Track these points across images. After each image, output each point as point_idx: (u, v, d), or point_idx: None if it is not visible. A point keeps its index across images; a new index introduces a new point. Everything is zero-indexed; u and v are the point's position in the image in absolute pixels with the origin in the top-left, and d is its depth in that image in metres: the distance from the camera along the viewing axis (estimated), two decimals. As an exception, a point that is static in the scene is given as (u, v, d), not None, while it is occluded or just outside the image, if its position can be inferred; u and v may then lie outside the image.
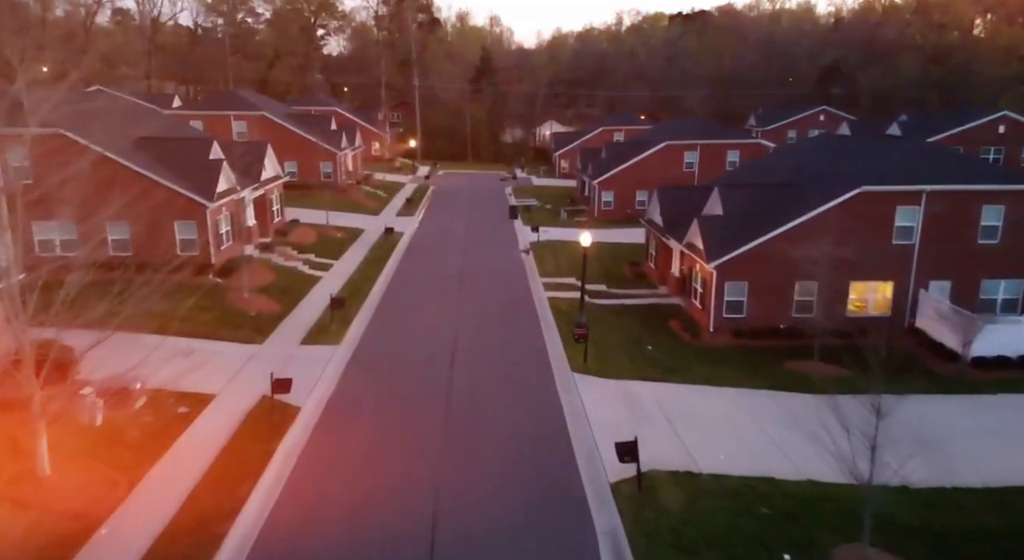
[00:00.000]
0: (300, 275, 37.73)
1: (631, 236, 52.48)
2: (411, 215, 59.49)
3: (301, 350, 27.64)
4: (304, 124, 65.20)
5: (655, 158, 61.56)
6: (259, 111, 62.32)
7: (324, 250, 43.62)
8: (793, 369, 27.63)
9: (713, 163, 61.80)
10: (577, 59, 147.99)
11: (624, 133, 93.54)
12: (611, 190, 62.16)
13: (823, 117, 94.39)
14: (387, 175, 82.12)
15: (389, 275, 39.69)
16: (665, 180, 61.75)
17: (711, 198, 34.41)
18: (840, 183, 31.07)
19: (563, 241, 49.98)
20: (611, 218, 61.16)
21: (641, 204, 61.81)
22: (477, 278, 39.64)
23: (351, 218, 55.11)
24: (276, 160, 45.10)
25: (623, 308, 35.21)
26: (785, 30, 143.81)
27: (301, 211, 51.92)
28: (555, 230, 53.57)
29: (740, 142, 62.45)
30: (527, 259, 45.12)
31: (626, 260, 45.14)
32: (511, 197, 73.43)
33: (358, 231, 50.95)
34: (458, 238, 51.09)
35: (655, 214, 41.10)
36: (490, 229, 55.11)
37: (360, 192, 63.83)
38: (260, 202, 41.93)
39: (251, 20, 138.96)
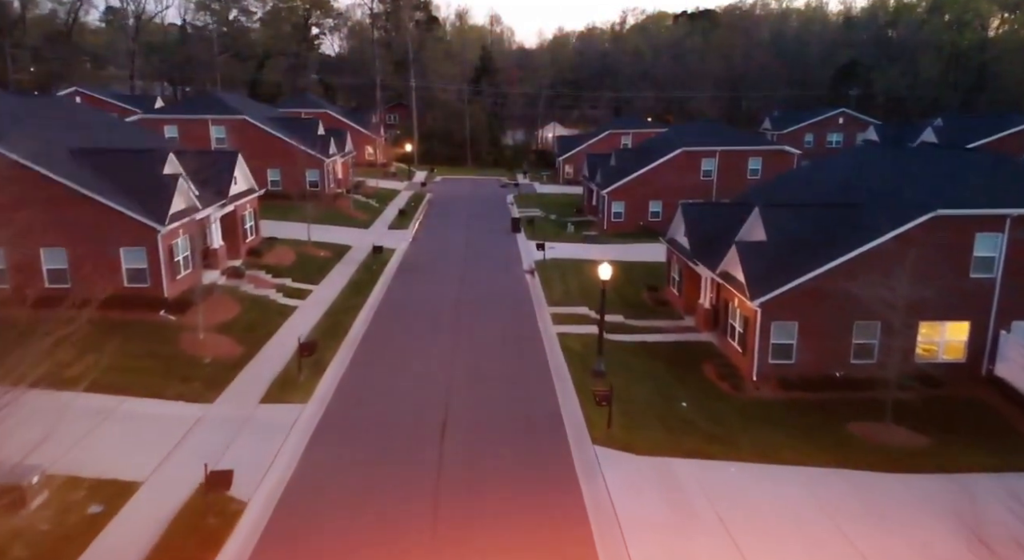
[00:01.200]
0: (271, 306, 32.72)
1: (647, 253, 47.57)
2: (404, 228, 54.50)
3: (260, 411, 22.64)
4: (290, 129, 60.21)
5: (670, 166, 56.61)
6: (240, 115, 57.36)
7: (303, 273, 38.62)
8: (860, 434, 22.65)
9: (733, 171, 56.87)
10: (580, 59, 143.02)
11: (632, 137, 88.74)
12: (622, 200, 57.23)
13: (842, 120, 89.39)
14: (381, 181, 77.14)
15: (375, 304, 34.66)
16: (681, 190, 56.94)
17: (750, 220, 29.40)
18: (908, 205, 26.09)
19: (572, 260, 45.00)
20: (622, 231, 56.25)
21: (654, 215, 57.04)
22: (476, 308, 34.66)
23: (338, 233, 50.12)
24: (248, 171, 40.07)
25: (645, 347, 30.20)
26: (795, 29, 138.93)
27: (282, 226, 46.96)
28: (562, 246, 48.60)
29: (762, 149, 57.48)
30: (532, 282, 40.14)
31: (643, 283, 40.16)
32: (513, 206, 68.52)
33: (344, 248, 45.95)
34: (455, 256, 46.09)
35: (679, 233, 36.12)
36: (491, 244, 50.13)
37: (350, 202, 58.89)
38: (230, 220, 36.95)
39: (244, 19, 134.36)
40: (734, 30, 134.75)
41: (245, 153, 57.75)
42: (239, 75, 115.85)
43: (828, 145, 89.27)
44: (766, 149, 57.45)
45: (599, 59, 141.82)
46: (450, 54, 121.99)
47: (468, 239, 51.73)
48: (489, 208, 66.96)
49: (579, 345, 29.37)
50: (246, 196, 38.74)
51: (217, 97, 59.16)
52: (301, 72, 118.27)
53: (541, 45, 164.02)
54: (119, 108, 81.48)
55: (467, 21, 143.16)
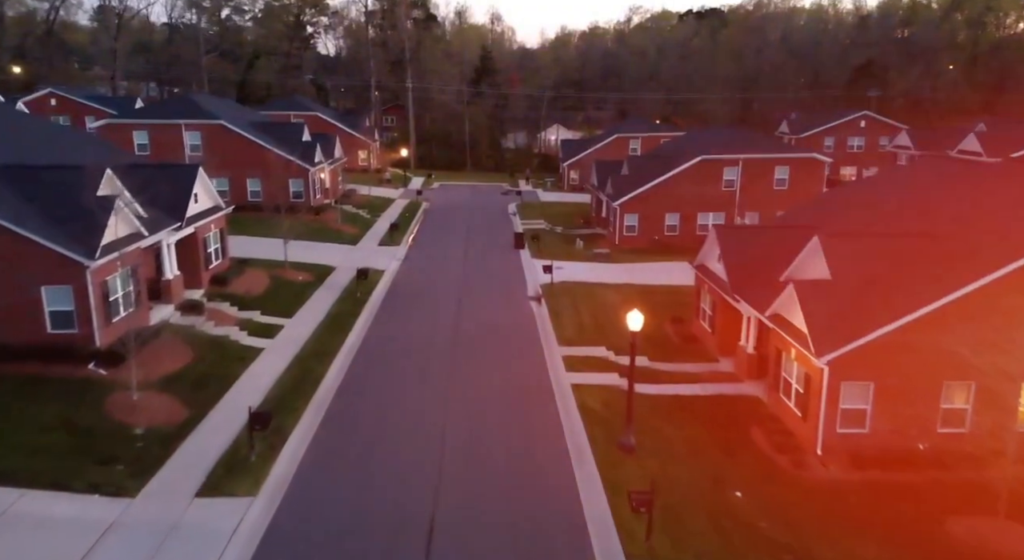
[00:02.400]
0: (231, 350, 27.61)
1: (666, 274, 42.50)
2: (397, 244, 49.39)
3: (193, 510, 17.54)
4: (272, 135, 55.14)
5: (688, 175, 51.50)
6: (216, 119, 52.27)
7: (276, 303, 33.53)
8: (965, 537, 17.57)
9: (758, 181, 51.77)
10: (584, 59, 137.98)
11: (641, 141, 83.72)
12: (635, 213, 52.14)
13: (864, 123, 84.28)
14: (374, 189, 72.06)
15: (355, 345, 29.52)
16: (700, 201, 51.93)
17: (807, 251, 24.29)
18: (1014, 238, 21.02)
19: (583, 284, 39.93)
20: (636, 247, 51.18)
21: (671, 229, 52.00)
22: (473, 350, 29.53)
23: (322, 251, 45.07)
24: (212, 186, 34.94)
25: (680, 403, 25.09)
26: (808, 28, 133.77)
27: (259, 244, 41.90)
28: (571, 266, 43.50)
29: (790, 156, 52.36)
30: (539, 312, 35.04)
31: (665, 310, 35.06)
32: (515, 216, 63.47)
33: (327, 270, 40.87)
34: (451, 279, 40.99)
35: (711, 259, 31.02)
36: (492, 264, 45.03)
37: (337, 215, 53.81)
38: (189, 244, 31.85)
39: (237, 17, 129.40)
40: (743, 29, 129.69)
41: (223, 162, 53.03)
42: (229, 76, 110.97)
43: (849, 150, 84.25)
44: (794, 157, 52.33)
45: (604, 59, 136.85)
46: (449, 54, 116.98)
47: (466, 257, 46.62)
48: (490, 219, 61.87)
49: (599, 403, 24.27)
50: (210, 215, 33.62)
51: (191, 100, 54.11)
52: (293, 73, 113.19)
53: (543, 45, 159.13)
54: (96, 111, 76.49)
55: (466, 19, 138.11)
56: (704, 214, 52.33)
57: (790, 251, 26.48)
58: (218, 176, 51.80)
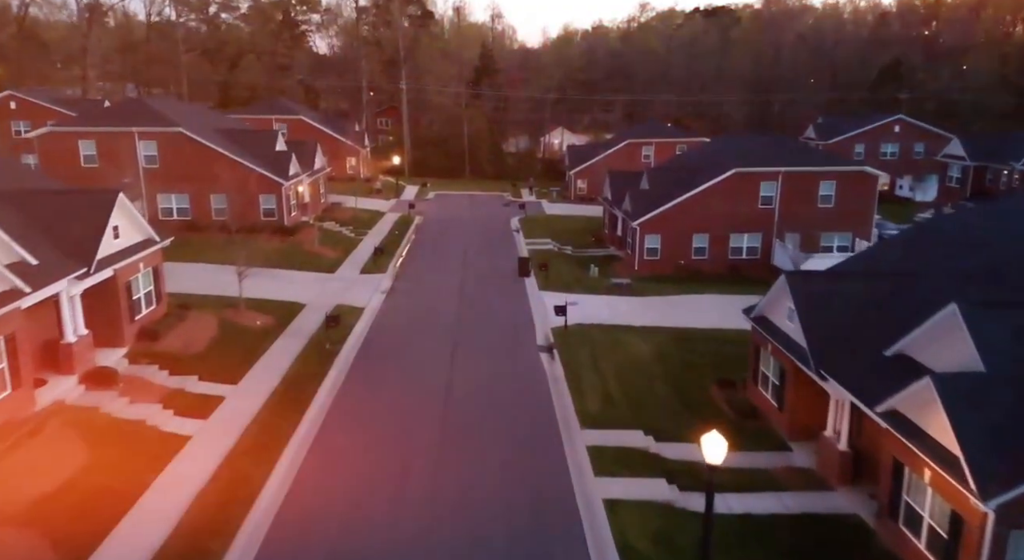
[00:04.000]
0: (144, 443, 20.57)
1: (700, 312, 35.68)
2: (382, 272, 42.40)
3: None
4: (241, 143, 48.23)
5: (719, 191, 44.59)
6: (174, 126, 45.30)
7: (220, 362, 26.57)
8: None
9: (800, 198, 44.85)
10: (589, 59, 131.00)
11: (655, 147, 76.94)
12: (657, 234, 45.26)
13: (898, 128, 77.31)
14: (363, 201, 65.16)
15: (311, 432, 22.42)
16: (733, 220, 44.98)
17: (936, 324, 17.23)
18: None
19: (604, 326, 33.02)
20: (659, 273, 44.32)
21: (699, 252, 45.13)
22: (469, 437, 22.48)
23: (291, 282, 38.17)
24: (140, 216, 27.92)
25: (754, 528, 18.11)
26: (825, 26, 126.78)
27: (215, 275, 35.06)
28: (587, 301, 36.64)
29: (837, 170, 45.35)
30: (552, 369, 28.06)
31: (709, 368, 28.21)
32: (518, 233, 56.58)
33: (293, 309, 33.92)
34: (443, 322, 33.93)
35: (779, 315, 24.07)
36: (493, 298, 38.02)
37: (315, 235, 46.83)
38: (106, 292, 24.91)
39: (226, 15, 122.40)
40: (758, 27, 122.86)
41: (183, 175, 46.12)
42: (212, 76, 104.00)
43: (882, 157, 77.26)
44: (842, 170, 45.33)
45: (610, 59, 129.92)
46: (446, 53, 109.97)
47: (462, 290, 39.64)
48: (490, 237, 54.90)
49: (647, 538, 17.27)
50: (137, 252, 26.65)
51: (146, 104, 47.13)
52: (279, 73, 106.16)
53: (545, 44, 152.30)
54: (60, 115, 69.46)
55: (465, 17, 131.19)
56: (737, 235, 45.50)
57: (897, 312, 19.56)
58: (177, 192, 45.14)
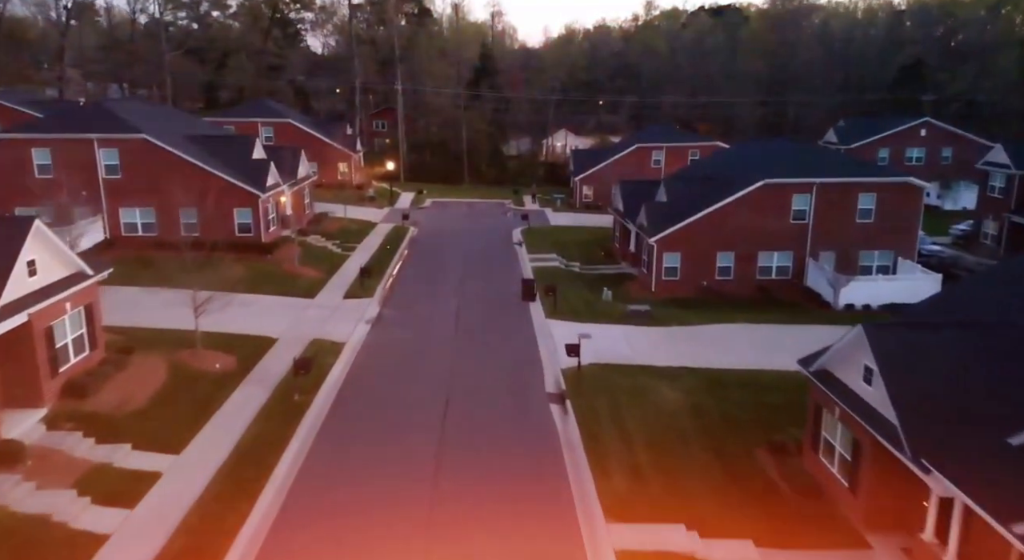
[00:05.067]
0: (45, 550, 15.89)
1: (733, 348, 31.02)
2: (368, 295, 37.67)
3: None
4: (214, 151, 43.54)
5: (745, 204, 39.96)
6: (137, 133, 40.58)
7: (162, 423, 21.88)
8: None
9: (836, 212, 40.21)
10: (592, 59, 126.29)
11: (665, 152, 72.33)
12: (677, 252, 40.61)
13: (924, 132, 72.64)
14: (354, 209, 60.50)
15: (262, 524, 17.74)
16: (762, 236, 40.27)
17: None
18: None
19: (624, 366, 28.34)
20: (679, 296, 39.70)
21: (723, 273, 40.48)
22: (466, 528, 17.82)
23: (263, 311, 33.47)
24: (63, 245, 23.19)
25: None
26: (838, 25, 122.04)
27: (175, 303, 30.16)
28: (601, 332, 31.96)
29: (877, 181, 40.61)
30: (565, 427, 23.33)
31: (755, 425, 23.56)
32: (520, 247, 51.89)
33: (261, 346, 29.20)
34: (436, 361, 29.17)
35: (849, 373, 19.38)
36: (494, 330, 33.23)
37: (296, 252, 42.07)
38: (19, 342, 20.18)
39: (218, 13, 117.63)
40: (768, 27, 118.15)
41: (148, 187, 41.41)
42: (200, 76, 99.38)
43: (907, 162, 72.64)
44: (884, 182, 40.57)
45: (614, 59, 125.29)
46: (445, 52, 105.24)
47: (459, 319, 34.88)
48: (490, 253, 50.18)
49: None
50: (61, 290, 21.90)
51: (107, 108, 42.33)
52: (270, 74, 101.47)
53: (546, 44, 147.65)
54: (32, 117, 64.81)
55: (464, 16, 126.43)
56: (766, 254, 40.87)
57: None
58: (142, 206, 40.49)
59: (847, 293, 37.27)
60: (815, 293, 39.48)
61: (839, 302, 37.39)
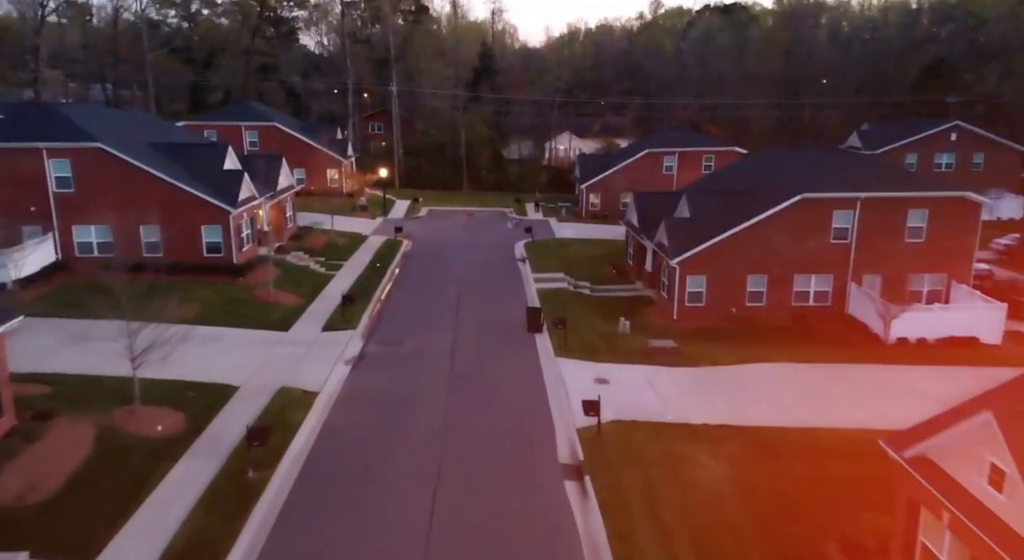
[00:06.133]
0: None
1: (773, 393, 26.40)
2: (351, 327, 32.92)
3: None
4: (182, 161, 38.85)
5: (782, 221, 35.24)
6: (91, 141, 35.84)
7: (62, 525, 17.17)
8: None
9: (883, 230, 35.48)
10: (596, 59, 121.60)
11: (678, 157, 67.64)
12: (702, 274, 35.90)
13: (955, 136, 67.95)
14: (343, 220, 55.75)
15: None
16: (799, 258, 35.47)
17: None
18: None
19: (652, 425, 23.59)
20: (705, 325, 35.05)
21: (755, 298, 35.78)
22: None
23: (225, 348, 28.74)
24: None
25: None
26: (853, 23, 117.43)
27: (115, 341, 25.43)
28: (621, 374, 27.40)
29: (930, 196, 35.84)
30: (584, 521, 18.57)
31: (811, 503, 18.86)
32: (524, 264, 47.25)
33: (219, 396, 24.45)
34: (426, 421, 24.41)
35: (970, 471, 14.59)
36: (495, 373, 28.44)
37: (271, 274, 37.24)
38: None
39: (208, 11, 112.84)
40: (780, 25, 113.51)
41: (105, 202, 36.57)
42: (186, 76, 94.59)
43: (936, 168, 68.03)
44: (936, 196, 35.80)
45: (619, 59, 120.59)
46: (443, 52, 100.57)
47: (455, 357, 30.12)
48: (491, 272, 45.45)
49: None
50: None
51: (59, 113, 37.49)
52: (258, 74, 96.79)
53: (548, 43, 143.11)
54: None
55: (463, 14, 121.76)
56: (803, 277, 36.12)
57: None
58: (97, 223, 35.87)
59: (900, 325, 32.56)
60: (859, 323, 34.78)
61: (890, 335, 32.69)
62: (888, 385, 27.64)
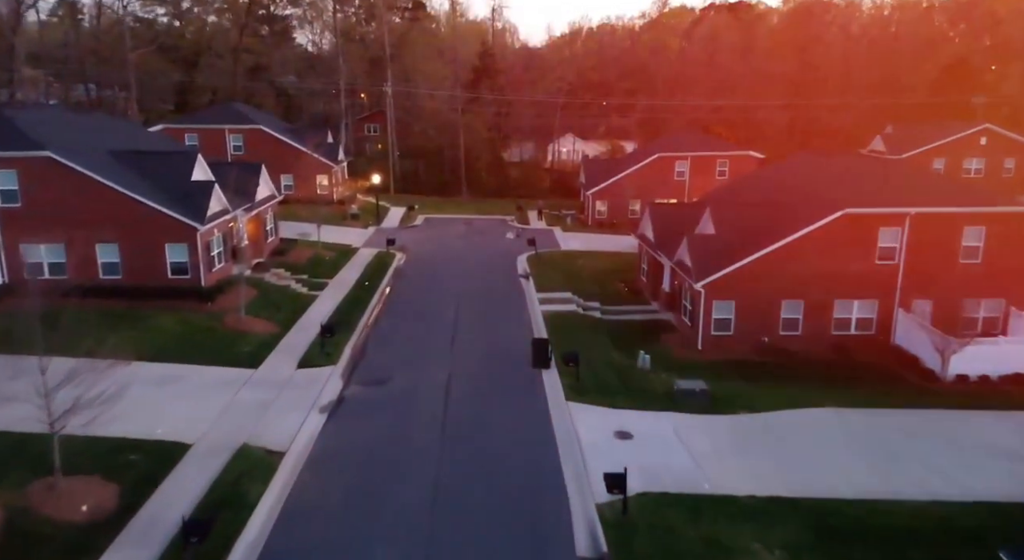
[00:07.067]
0: None
1: (823, 450, 22.33)
2: (329, 363, 28.74)
3: None
4: (145, 171, 34.72)
5: (819, 239, 31.13)
6: (40, 150, 31.67)
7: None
8: None
9: (935, 250, 31.37)
10: (600, 59, 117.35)
11: (690, 162, 63.61)
12: (730, 299, 31.82)
13: (984, 140, 63.90)
14: (330, 231, 51.55)
15: None
16: (841, 281, 31.30)
17: None
18: None
19: (687, 499, 19.39)
20: (733, 356, 31.00)
21: (790, 326, 31.64)
22: None
23: (180, 392, 24.59)
24: None
25: None
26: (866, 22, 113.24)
27: (55, 381, 21.27)
28: (645, 427, 23.32)
29: (992, 211, 31.66)
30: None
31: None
32: (527, 281, 43.12)
33: (161, 462, 20.24)
34: (415, 483, 20.23)
35: None
36: (496, 422, 24.20)
37: (243, 299, 33.01)
38: None
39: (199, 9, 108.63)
40: (792, 24, 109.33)
41: (56, 218, 32.49)
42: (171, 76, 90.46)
43: (965, 174, 64.01)
44: (996, 211, 31.64)
45: (623, 59, 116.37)
46: (441, 51, 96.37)
47: (450, 400, 25.95)
48: (492, 290, 41.30)
49: None
50: None
51: (4, 117, 33.43)
52: (248, 74, 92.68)
53: (550, 43, 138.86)
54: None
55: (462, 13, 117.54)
56: (844, 303, 32.03)
57: None
58: (49, 241, 31.81)
59: (959, 360, 28.44)
60: (909, 355, 30.66)
61: (948, 371, 28.57)
62: (959, 439, 23.53)
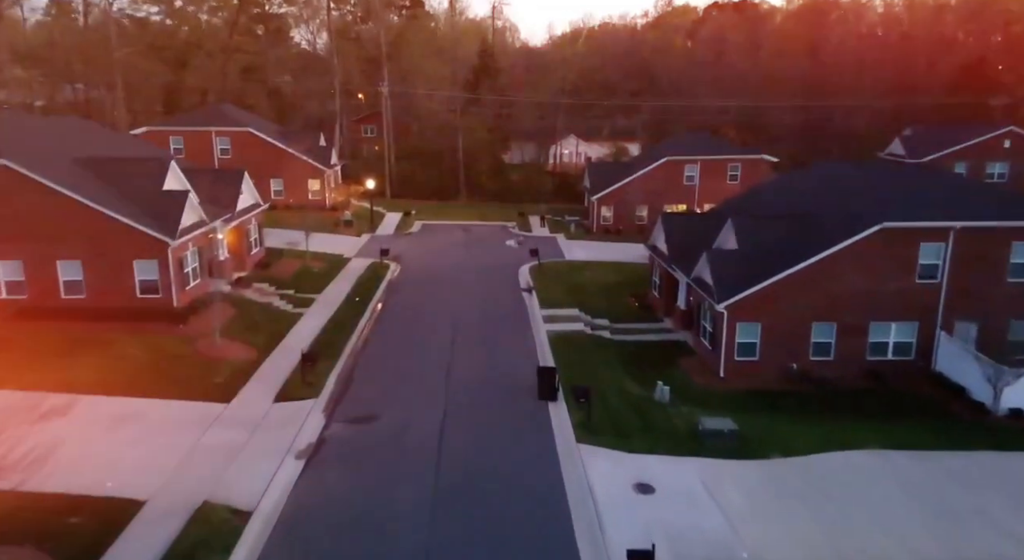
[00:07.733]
0: None
1: (864, 495, 19.25)
2: (310, 396, 25.77)
3: None
4: (112, 180, 31.78)
5: (854, 256, 28.17)
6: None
7: None
8: None
9: (981, 268, 28.41)
10: (603, 58, 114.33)
11: (700, 166, 60.65)
12: (756, 322, 28.83)
13: (1008, 143, 60.96)
14: (321, 240, 48.64)
15: None
16: (877, 302, 28.31)
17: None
18: None
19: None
20: (758, 385, 28.09)
21: (821, 350, 28.72)
22: None
23: (141, 434, 21.63)
24: None
25: None
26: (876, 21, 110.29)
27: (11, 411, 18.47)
28: (670, 477, 20.34)
29: (1041, 223, 28.78)
30: None
31: None
32: (531, 295, 40.19)
33: (112, 523, 17.26)
34: (404, 548, 17.37)
35: None
36: (500, 470, 21.22)
37: (217, 321, 30.05)
38: None
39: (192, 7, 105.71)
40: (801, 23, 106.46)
41: (15, 233, 29.62)
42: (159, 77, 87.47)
43: (988, 178, 61.04)
44: (1049, 224, 28.74)
45: (627, 58, 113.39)
46: (440, 50, 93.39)
47: (445, 443, 22.94)
48: (493, 306, 38.31)
49: None
50: None
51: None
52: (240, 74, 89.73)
53: (551, 43, 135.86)
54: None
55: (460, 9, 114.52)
56: (880, 325, 29.03)
57: None
58: (5, 258, 28.88)
59: (1013, 393, 25.50)
60: (953, 384, 27.71)
61: (1001, 405, 25.62)
62: (1016, 480, 20.65)
